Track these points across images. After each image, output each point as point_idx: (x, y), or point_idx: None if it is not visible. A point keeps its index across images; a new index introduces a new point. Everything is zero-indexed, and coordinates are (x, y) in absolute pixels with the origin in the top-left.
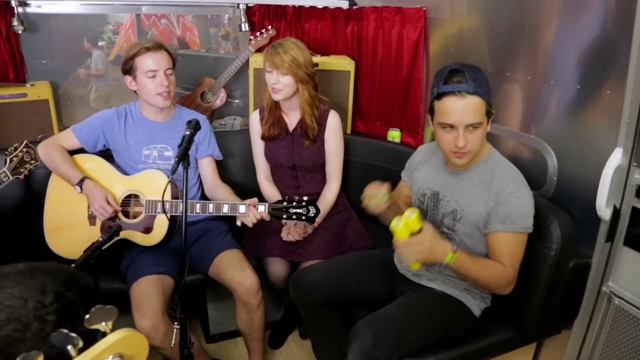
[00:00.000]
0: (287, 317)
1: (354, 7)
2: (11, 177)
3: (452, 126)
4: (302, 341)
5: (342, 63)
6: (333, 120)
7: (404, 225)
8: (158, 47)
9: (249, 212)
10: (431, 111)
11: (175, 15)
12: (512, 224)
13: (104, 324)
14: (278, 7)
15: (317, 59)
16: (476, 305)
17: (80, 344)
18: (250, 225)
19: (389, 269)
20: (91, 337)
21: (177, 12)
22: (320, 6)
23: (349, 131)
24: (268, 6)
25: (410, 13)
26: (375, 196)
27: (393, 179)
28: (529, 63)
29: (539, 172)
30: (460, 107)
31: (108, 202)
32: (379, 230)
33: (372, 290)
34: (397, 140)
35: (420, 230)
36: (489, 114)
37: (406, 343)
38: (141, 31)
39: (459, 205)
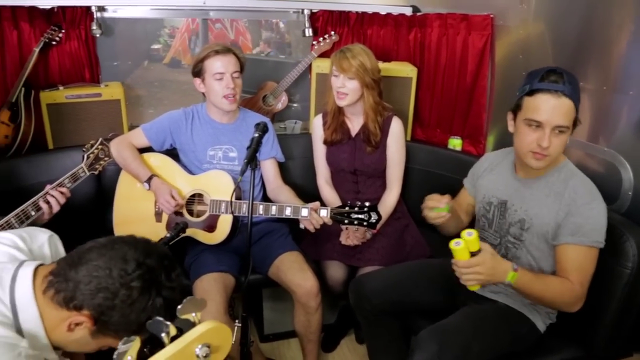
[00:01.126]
0: (341, 321)
1: (418, 14)
2: (88, 173)
3: (539, 125)
4: (356, 346)
5: (405, 69)
6: (396, 126)
7: (464, 246)
8: (227, 50)
9: (312, 217)
10: (517, 108)
11: (229, 20)
12: (583, 236)
13: (193, 314)
14: (341, 13)
15: (379, 65)
16: (541, 321)
17: (173, 331)
18: (312, 230)
19: (450, 278)
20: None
21: (243, 17)
22: (383, 12)
23: (408, 138)
24: (332, 12)
25: (477, 20)
26: (436, 208)
27: (453, 187)
28: (603, 72)
29: (612, 186)
30: (553, 106)
31: (173, 197)
32: (437, 239)
33: (432, 299)
34: (458, 148)
35: (479, 251)
36: (575, 123)
37: (470, 355)
38: (197, 35)
39: (527, 214)
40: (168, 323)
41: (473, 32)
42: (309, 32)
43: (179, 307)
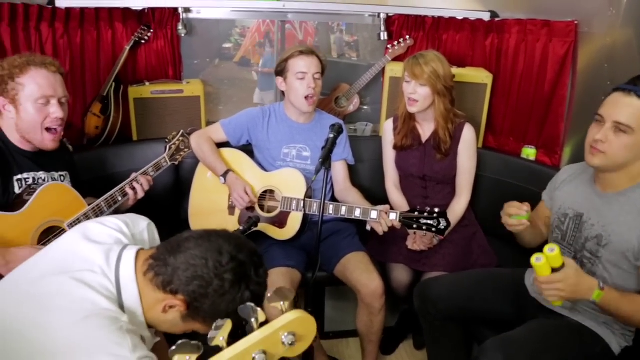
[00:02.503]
0: (402, 325)
1: (496, 19)
2: (169, 163)
3: (601, 120)
4: (415, 351)
5: (479, 76)
6: (468, 134)
7: (545, 261)
8: (311, 52)
9: (381, 220)
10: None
11: (298, 22)
12: None
13: (281, 303)
14: (417, 17)
15: (453, 70)
16: (616, 342)
17: (262, 318)
18: (381, 232)
19: (518, 290)
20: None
21: (319, 20)
22: (460, 17)
23: (480, 145)
24: (408, 16)
25: (560, 27)
26: (516, 215)
27: (525, 197)
28: None
29: None
30: (617, 102)
31: (246, 193)
32: (505, 249)
33: (498, 309)
34: (532, 158)
35: (562, 266)
36: None
37: None
38: (268, 35)
39: (605, 230)
40: (258, 309)
41: (554, 38)
42: (384, 35)
43: (268, 295)
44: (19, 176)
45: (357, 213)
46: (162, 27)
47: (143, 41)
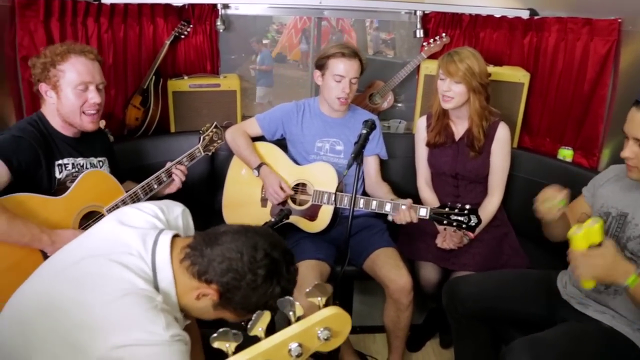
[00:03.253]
0: (429, 323)
1: (535, 17)
2: (203, 153)
3: (625, 134)
4: (441, 350)
5: (516, 75)
6: (503, 132)
7: (584, 234)
8: (354, 55)
9: (404, 212)
10: None
11: (335, 18)
12: None
13: (319, 298)
14: (454, 15)
15: (489, 69)
16: None
17: (299, 311)
18: (401, 222)
19: (550, 292)
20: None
21: (355, 17)
22: (498, 15)
23: (515, 145)
24: (444, 14)
25: (602, 25)
26: (551, 200)
27: None
28: None
29: None
30: (634, 118)
31: (282, 189)
32: (537, 250)
33: (528, 311)
34: (569, 159)
35: (600, 244)
36: None
37: None
38: (304, 32)
39: None
40: (296, 303)
41: (596, 37)
42: (419, 33)
43: (307, 290)
44: (60, 161)
45: (388, 207)
46: (201, 23)
47: (183, 36)
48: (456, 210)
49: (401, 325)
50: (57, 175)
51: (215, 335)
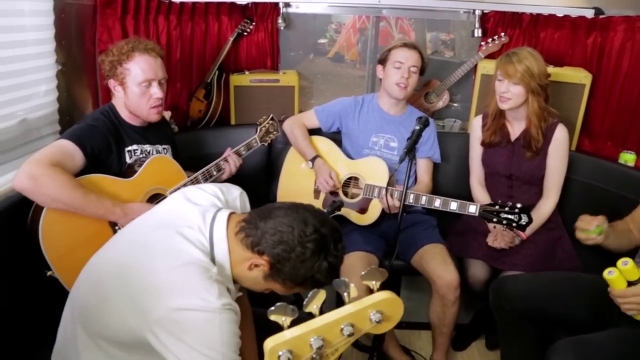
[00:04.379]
0: (475, 323)
1: (600, 17)
2: (259, 144)
3: None
4: (487, 351)
5: (577, 76)
6: (561, 134)
7: (618, 275)
8: (414, 47)
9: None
10: None
11: (394, 18)
12: None
13: (374, 282)
14: (514, 14)
15: (549, 69)
16: None
17: (354, 293)
18: (386, 208)
19: (601, 297)
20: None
21: (413, 16)
22: (560, 14)
23: (573, 148)
24: (504, 13)
25: None
26: (586, 229)
27: (620, 205)
28: None
29: None
30: None
31: (331, 178)
32: (591, 256)
33: (576, 314)
34: (631, 164)
35: (639, 280)
36: None
37: None
38: (362, 32)
39: None
40: (351, 285)
41: None
42: (478, 32)
43: (363, 273)
44: (129, 147)
45: (437, 203)
46: (264, 20)
47: (245, 33)
48: (506, 209)
49: (446, 322)
50: (128, 160)
51: (272, 308)
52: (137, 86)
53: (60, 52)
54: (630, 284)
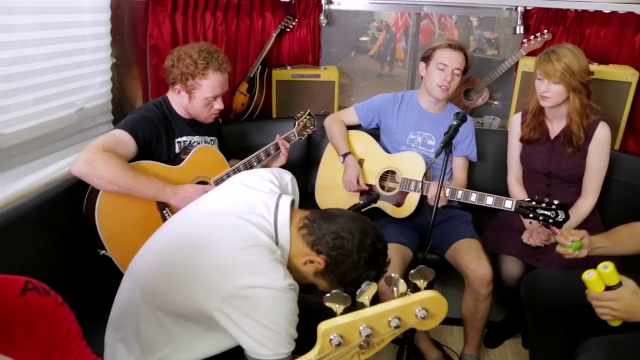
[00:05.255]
0: (508, 322)
1: None
2: (297, 137)
3: None
4: (520, 349)
5: (623, 73)
6: (602, 132)
7: (597, 277)
8: (459, 48)
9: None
10: None
11: (437, 15)
12: None
13: (421, 281)
14: (558, 11)
15: (593, 67)
16: None
17: (403, 288)
18: (433, 201)
19: None
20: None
21: (454, 13)
22: (607, 10)
23: (617, 147)
24: (547, 9)
25: None
26: (563, 244)
27: None
28: None
29: None
30: None
31: (357, 182)
32: (630, 258)
33: None
34: None
35: (618, 285)
36: None
37: None
38: (406, 30)
39: None
40: (400, 280)
41: None
42: (520, 29)
43: (412, 271)
44: (179, 139)
45: (473, 198)
46: (306, 17)
47: (288, 29)
48: (543, 205)
49: (478, 316)
50: (177, 150)
51: (328, 295)
52: (203, 100)
53: (115, 47)
54: (608, 288)
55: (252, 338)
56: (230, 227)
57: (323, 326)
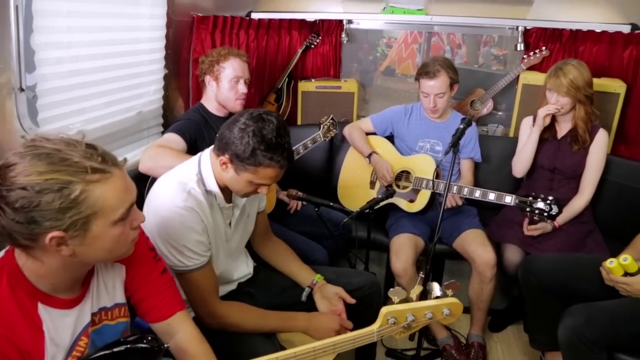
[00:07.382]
0: (511, 309)
1: (636, 32)
2: (322, 139)
3: None
4: (522, 334)
5: (612, 85)
6: (601, 136)
7: (617, 265)
8: (438, 72)
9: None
10: None
11: (446, 33)
12: None
13: (450, 291)
14: (555, 30)
15: None
16: None
17: (417, 290)
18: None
19: None
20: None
21: (461, 32)
22: (598, 30)
23: (609, 152)
24: (545, 29)
25: None
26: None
27: None
28: None
29: None
30: None
31: (388, 172)
32: (623, 248)
33: (599, 293)
34: None
35: (637, 272)
36: None
37: (619, 334)
38: (413, 47)
39: None
40: (436, 287)
41: None
42: (520, 46)
43: (445, 283)
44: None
45: (477, 194)
46: (329, 35)
47: (312, 46)
48: (539, 199)
49: (483, 298)
50: None
51: (392, 290)
52: (228, 82)
53: (167, 60)
54: (627, 274)
55: None
56: (166, 176)
57: (385, 310)
